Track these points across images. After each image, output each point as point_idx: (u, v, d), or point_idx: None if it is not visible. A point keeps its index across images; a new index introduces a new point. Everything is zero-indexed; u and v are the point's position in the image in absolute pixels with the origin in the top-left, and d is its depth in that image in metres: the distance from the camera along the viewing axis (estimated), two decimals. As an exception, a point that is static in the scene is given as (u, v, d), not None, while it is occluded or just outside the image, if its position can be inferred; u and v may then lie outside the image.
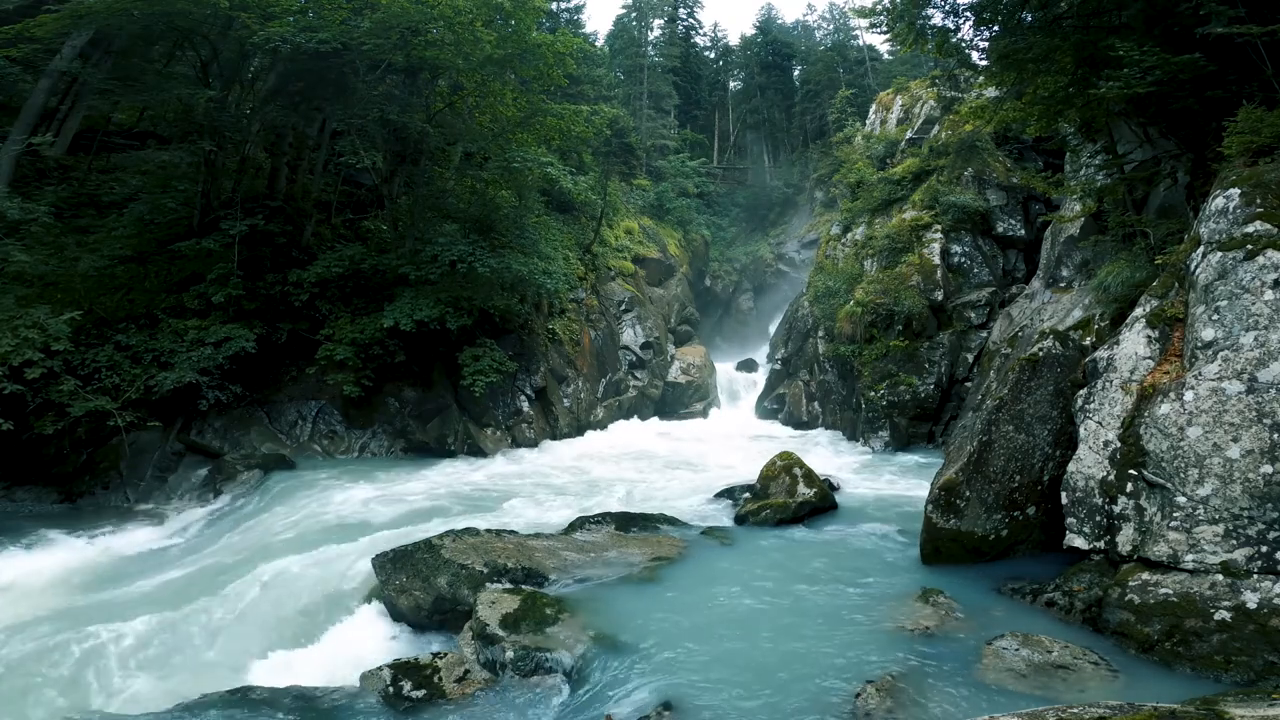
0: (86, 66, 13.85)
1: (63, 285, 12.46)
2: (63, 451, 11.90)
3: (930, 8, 11.10)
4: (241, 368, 13.38)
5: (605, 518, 9.34)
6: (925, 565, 7.62)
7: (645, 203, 31.95)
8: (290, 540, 9.30)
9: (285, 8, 13.83)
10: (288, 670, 6.31)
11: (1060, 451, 7.45)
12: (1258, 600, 5.28)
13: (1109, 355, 7.02)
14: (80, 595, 7.89)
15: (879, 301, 17.57)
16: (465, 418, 15.84)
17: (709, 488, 12.11)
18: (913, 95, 24.29)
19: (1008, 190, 18.63)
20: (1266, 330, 5.77)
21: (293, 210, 16.04)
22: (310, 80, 15.33)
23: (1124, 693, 4.92)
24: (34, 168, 14.37)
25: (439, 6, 14.20)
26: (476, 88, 17.01)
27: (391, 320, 14.20)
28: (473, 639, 6.14)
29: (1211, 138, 8.15)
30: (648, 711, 4.84)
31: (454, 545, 7.75)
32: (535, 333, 18.41)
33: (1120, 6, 9.11)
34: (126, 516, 11.19)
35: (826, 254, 22.29)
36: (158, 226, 14.29)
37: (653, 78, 40.83)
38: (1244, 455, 5.63)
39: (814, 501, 10.07)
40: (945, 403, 16.67)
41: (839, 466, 14.16)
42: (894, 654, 5.55)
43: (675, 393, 24.20)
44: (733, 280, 37.10)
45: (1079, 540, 6.53)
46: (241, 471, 12.31)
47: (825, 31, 49.10)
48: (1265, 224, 6.11)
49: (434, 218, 16.59)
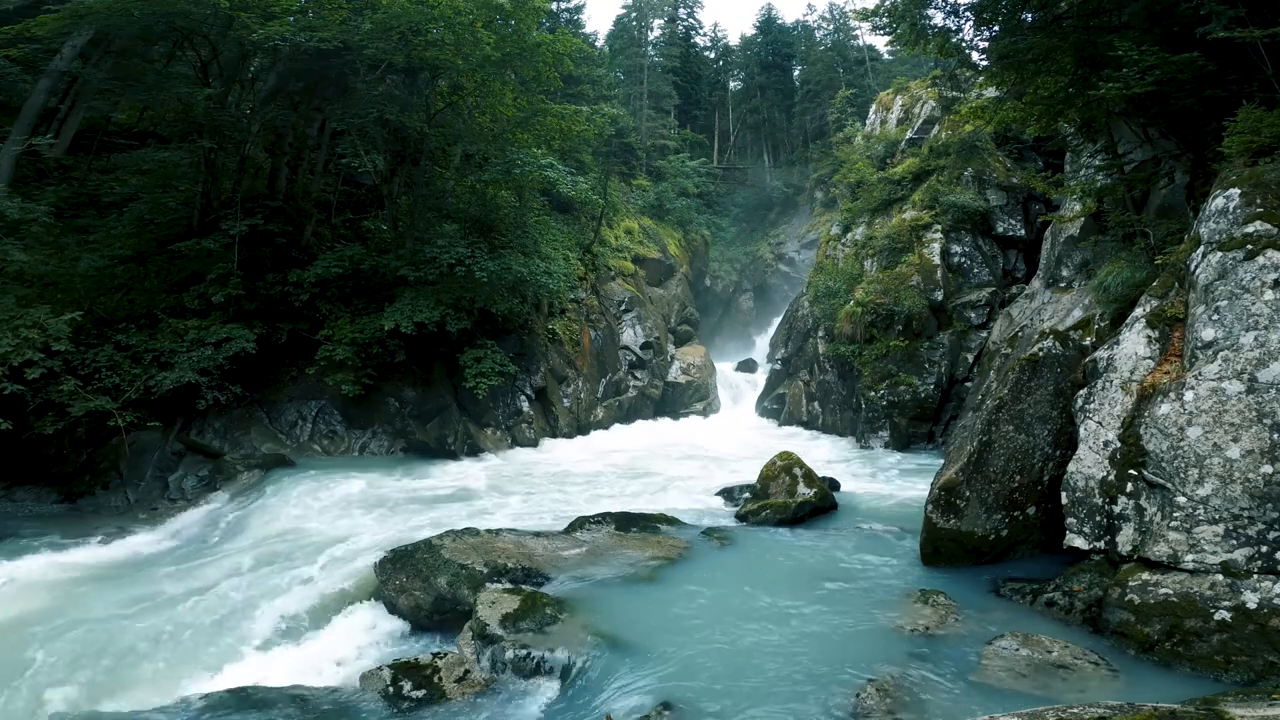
0: (86, 66, 13.84)
1: (63, 285, 12.45)
2: (63, 451, 11.89)
3: (931, 8, 11.08)
4: (241, 368, 13.37)
5: (605, 518, 9.34)
6: (925, 565, 7.63)
7: (645, 203, 31.95)
8: (290, 540, 9.31)
9: (285, 7, 13.82)
10: (288, 670, 6.31)
11: (1060, 451, 7.45)
12: (1258, 600, 5.28)
13: (1109, 355, 7.02)
14: (80, 595, 7.88)
15: (879, 301, 17.57)
16: (465, 418, 15.84)
17: (709, 488, 12.12)
18: (913, 95, 24.28)
19: (1008, 190, 18.63)
20: (1266, 330, 5.77)
21: (293, 210, 16.04)
22: (310, 80, 15.33)
23: (1124, 693, 4.92)
24: (34, 168, 14.36)
25: (439, 7, 14.19)
26: (476, 88, 17.01)
27: (392, 322, 14.19)
28: (473, 639, 6.14)
29: (1211, 138, 8.15)
30: (647, 711, 4.84)
31: (454, 545, 7.75)
32: (535, 333, 18.41)
33: (1120, 6, 9.11)
34: (126, 516, 11.18)
35: (826, 254, 22.28)
36: (158, 226, 14.29)
37: (653, 78, 40.84)
38: (1244, 455, 5.63)
39: (814, 501, 10.07)
40: (945, 403, 16.66)
41: (839, 466, 14.16)
42: (894, 654, 5.55)
43: (675, 393, 24.20)
44: (733, 280, 37.12)
45: (1079, 540, 6.53)
46: (241, 471, 12.30)
47: (825, 31, 49.07)
48: (1265, 224, 6.11)
49: (434, 218, 16.59)
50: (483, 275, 14.79)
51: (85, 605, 7.57)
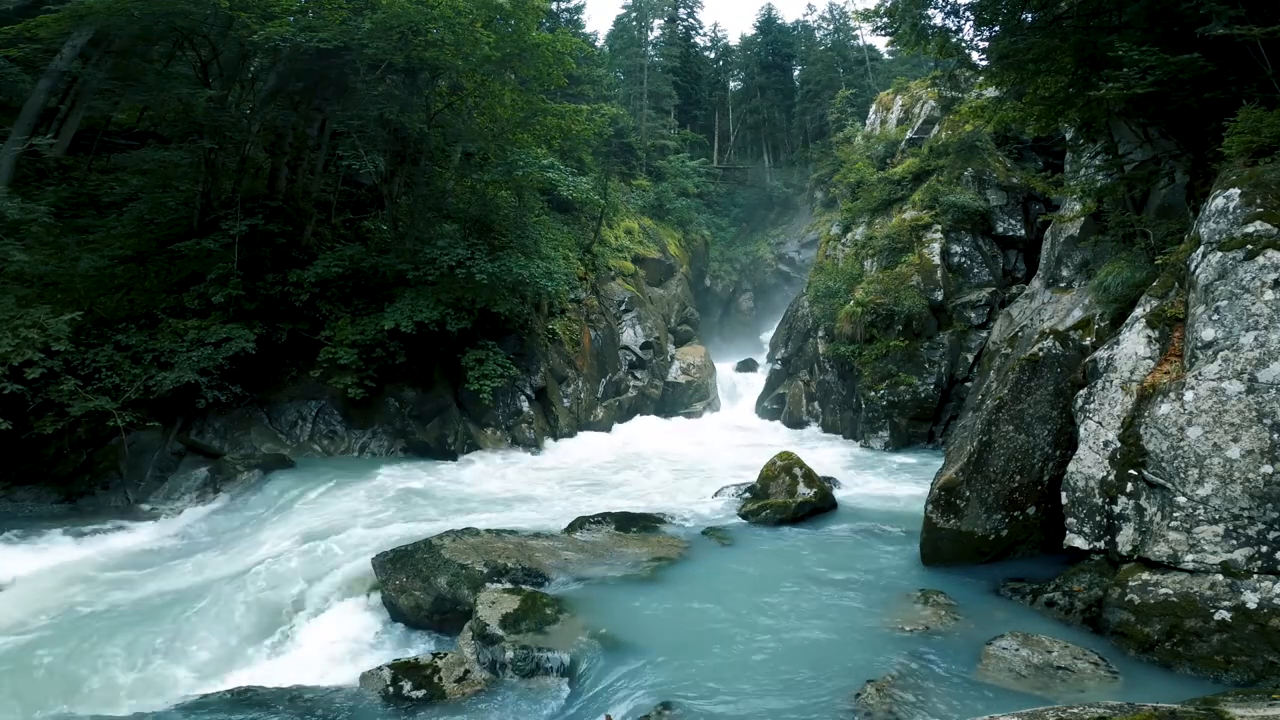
0: (86, 66, 13.83)
1: (63, 285, 12.45)
2: (63, 451, 11.89)
3: (931, 8, 11.09)
4: (241, 368, 13.37)
5: (605, 518, 9.34)
6: (925, 565, 7.62)
7: (645, 203, 31.94)
8: (290, 540, 9.29)
9: (285, 8, 13.82)
10: (287, 670, 6.32)
11: (1060, 451, 7.45)
12: (1258, 600, 5.28)
13: (1109, 355, 7.02)
14: (80, 595, 7.88)
15: (879, 301, 17.57)
16: (465, 418, 15.84)
17: (709, 488, 12.12)
18: (913, 95, 24.28)
19: (1008, 190, 18.63)
20: (1266, 330, 5.77)
21: (293, 210, 16.04)
22: (310, 80, 15.32)
23: (1124, 693, 4.92)
24: (34, 168, 14.36)
25: (439, 7, 14.19)
26: (476, 88, 17.01)
27: (392, 322, 14.19)
28: (473, 639, 6.14)
29: (1211, 138, 8.15)
30: (647, 711, 4.84)
31: (454, 545, 7.75)
32: (535, 333, 18.41)
33: (1120, 6, 9.11)
34: (126, 516, 11.17)
35: (826, 254, 22.29)
36: (158, 226, 14.29)
37: (653, 78, 40.82)
38: (1244, 455, 5.63)
39: (814, 501, 10.07)
40: (945, 403, 16.67)
41: (839, 466, 14.16)
42: (894, 654, 5.55)
43: (675, 393, 24.20)
44: (733, 280, 37.12)
45: (1079, 540, 6.53)
46: (241, 471, 12.30)
47: (825, 31, 49.05)
48: (1265, 224, 6.11)
49: (434, 218, 16.59)
50: (483, 277, 14.79)
51: (84, 605, 7.57)
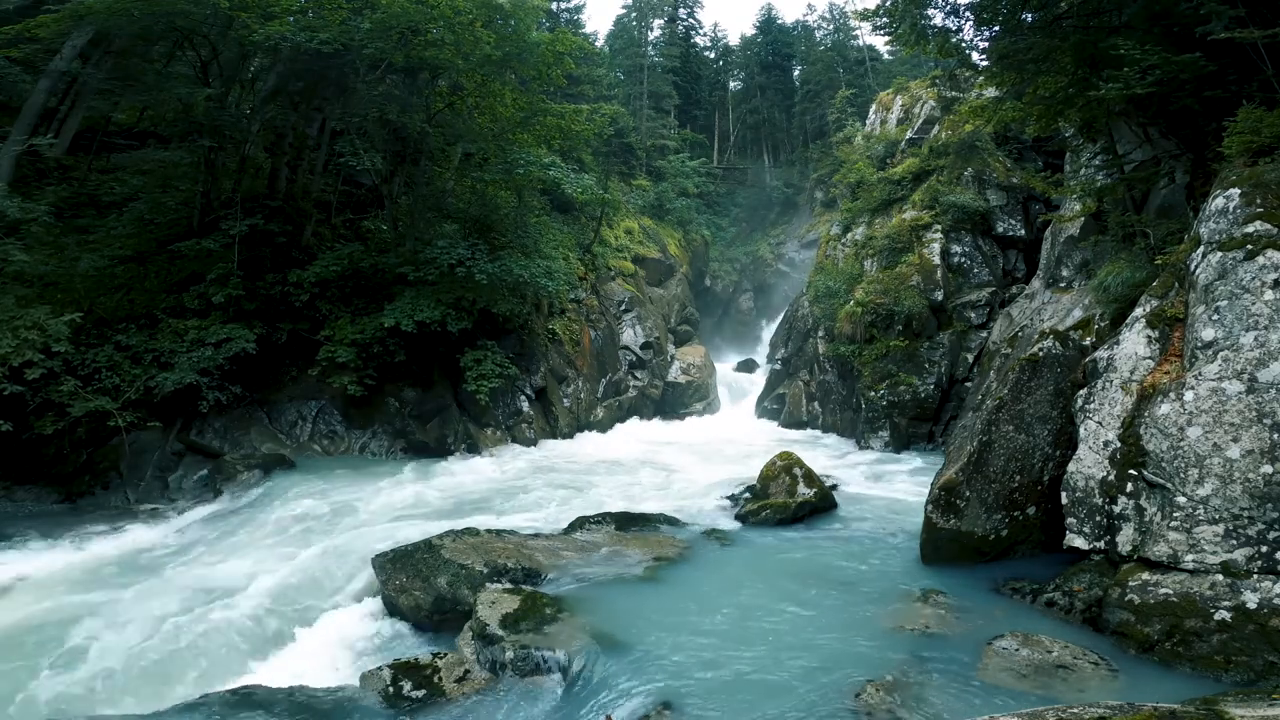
0: (86, 66, 13.82)
1: (63, 285, 12.44)
2: (63, 451, 11.88)
3: (931, 8, 11.08)
4: (241, 368, 13.36)
5: (605, 518, 9.34)
6: (925, 565, 7.63)
7: (645, 203, 31.93)
8: (290, 540, 9.30)
9: (285, 8, 13.82)
10: (287, 670, 6.31)
11: (1060, 451, 7.45)
12: (1258, 600, 5.28)
13: (1109, 355, 7.02)
14: (80, 595, 7.87)
15: (879, 301, 17.57)
16: (465, 418, 15.84)
17: (709, 488, 12.12)
18: (913, 95, 24.28)
19: (1008, 190, 18.63)
20: (1266, 330, 5.77)
21: (293, 210, 16.03)
22: (310, 80, 15.32)
23: (1124, 693, 4.92)
24: (34, 168, 14.34)
25: (439, 7, 14.19)
26: (476, 88, 17.00)
27: (392, 320, 14.19)
28: (472, 639, 6.14)
29: (1211, 138, 8.15)
30: (647, 711, 4.84)
31: (454, 545, 7.75)
32: (535, 333, 18.41)
33: (1120, 6, 9.11)
34: (126, 516, 11.16)
35: (826, 254, 22.28)
36: (158, 226, 14.27)
37: (653, 78, 40.81)
38: (1244, 455, 5.63)
39: (814, 501, 10.07)
40: (945, 403, 16.67)
41: (839, 466, 14.17)
42: (894, 654, 5.55)
43: (675, 393, 24.20)
44: (733, 280, 37.10)
45: (1079, 540, 6.53)
46: (241, 471, 12.29)
47: (825, 31, 49.03)
48: (1265, 224, 6.11)
49: (434, 218, 16.59)
50: (482, 277, 14.80)
51: (84, 605, 7.56)
